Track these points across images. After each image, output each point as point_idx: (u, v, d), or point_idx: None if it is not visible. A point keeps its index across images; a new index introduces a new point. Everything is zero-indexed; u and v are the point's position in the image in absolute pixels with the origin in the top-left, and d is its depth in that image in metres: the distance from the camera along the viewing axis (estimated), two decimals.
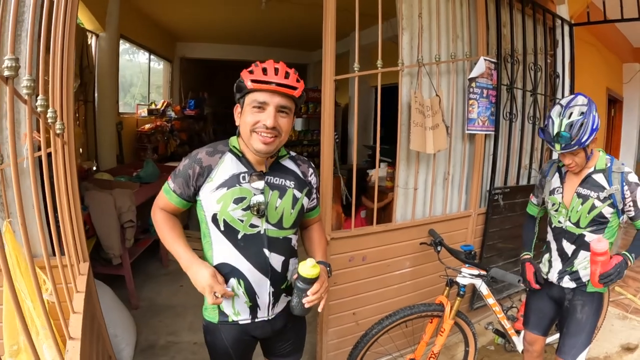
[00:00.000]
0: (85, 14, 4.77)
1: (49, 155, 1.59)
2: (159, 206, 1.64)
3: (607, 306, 3.29)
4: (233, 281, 1.54)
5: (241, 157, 1.55)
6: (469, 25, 3.15)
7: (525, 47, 3.52)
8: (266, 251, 1.55)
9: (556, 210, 2.20)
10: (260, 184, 1.50)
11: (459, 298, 2.43)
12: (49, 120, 1.44)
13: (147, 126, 6.54)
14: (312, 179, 1.72)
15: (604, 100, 6.98)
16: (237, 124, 1.52)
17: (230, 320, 1.59)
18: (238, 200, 1.48)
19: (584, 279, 2.13)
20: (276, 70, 1.43)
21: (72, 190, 1.90)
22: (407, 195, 2.93)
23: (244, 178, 1.51)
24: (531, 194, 2.46)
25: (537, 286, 2.24)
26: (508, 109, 3.40)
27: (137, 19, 6.21)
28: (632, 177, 2.01)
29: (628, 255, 1.98)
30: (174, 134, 7.15)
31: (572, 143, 1.93)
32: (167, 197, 1.58)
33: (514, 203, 3.46)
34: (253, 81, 1.41)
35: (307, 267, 1.46)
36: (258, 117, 1.43)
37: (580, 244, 2.12)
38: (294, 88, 1.45)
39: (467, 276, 2.45)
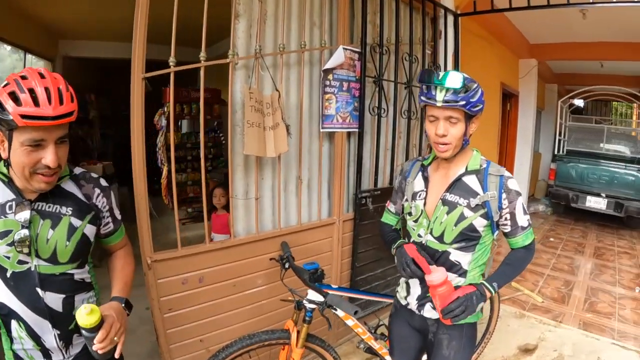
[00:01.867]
0: None
1: None
2: None
3: (498, 308, 3.10)
4: (14, 323, 1.34)
5: (7, 183, 1.32)
6: (330, 11, 2.84)
7: (398, 36, 3.26)
8: (39, 290, 1.33)
9: (416, 221, 1.75)
10: (25, 215, 1.28)
11: (305, 325, 2.07)
12: None
13: None
14: (100, 201, 1.48)
15: (499, 94, 7.12)
16: (3, 156, 1.27)
17: None
18: (2, 235, 1.27)
19: None
20: (48, 94, 1.17)
21: None
22: (248, 206, 2.56)
23: (10, 207, 1.29)
24: (388, 200, 2.03)
25: (429, 267, 1.60)
26: (376, 104, 3.12)
27: (8, 14, 5.54)
28: (513, 184, 1.63)
29: (487, 285, 1.60)
30: None
31: (460, 97, 1.51)
32: None
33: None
34: (24, 117, 1.14)
35: (83, 316, 1.22)
36: (36, 157, 1.22)
37: (445, 263, 1.68)
38: (72, 113, 1.23)
39: (311, 300, 2.10)
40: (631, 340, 3.68)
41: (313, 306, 2.08)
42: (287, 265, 2.28)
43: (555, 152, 8.72)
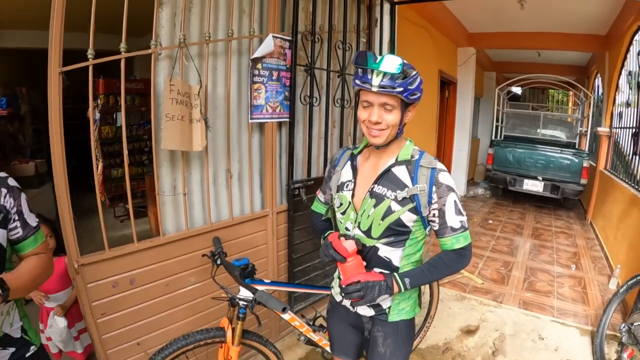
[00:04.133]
0: None
1: None
2: None
3: (438, 292, 3.15)
4: None
5: None
6: None
7: (332, 23, 3.21)
8: None
9: (343, 213, 1.65)
10: None
11: (240, 322, 2.02)
12: None
13: None
14: (8, 201, 1.32)
15: (437, 81, 7.22)
16: None
17: None
18: None
19: (384, 306, 1.66)
20: None
21: None
22: (177, 202, 2.47)
23: None
24: (318, 189, 1.93)
25: (344, 248, 1.54)
26: (308, 92, 3.07)
27: None
28: (445, 178, 1.50)
29: (398, 279, 1.51)
30: None
31: (398, 83, 1.38)
32: None
33: None
34: None
35: None
36: None
37: (372, 259, 1.61)
38: None
39: (243, 297, 2.04)
40: (570, 317, 3.83)
41: (246, 303, 2.03)
42: (218, 262, 2.22)
43: (493, 138, 9.00)
